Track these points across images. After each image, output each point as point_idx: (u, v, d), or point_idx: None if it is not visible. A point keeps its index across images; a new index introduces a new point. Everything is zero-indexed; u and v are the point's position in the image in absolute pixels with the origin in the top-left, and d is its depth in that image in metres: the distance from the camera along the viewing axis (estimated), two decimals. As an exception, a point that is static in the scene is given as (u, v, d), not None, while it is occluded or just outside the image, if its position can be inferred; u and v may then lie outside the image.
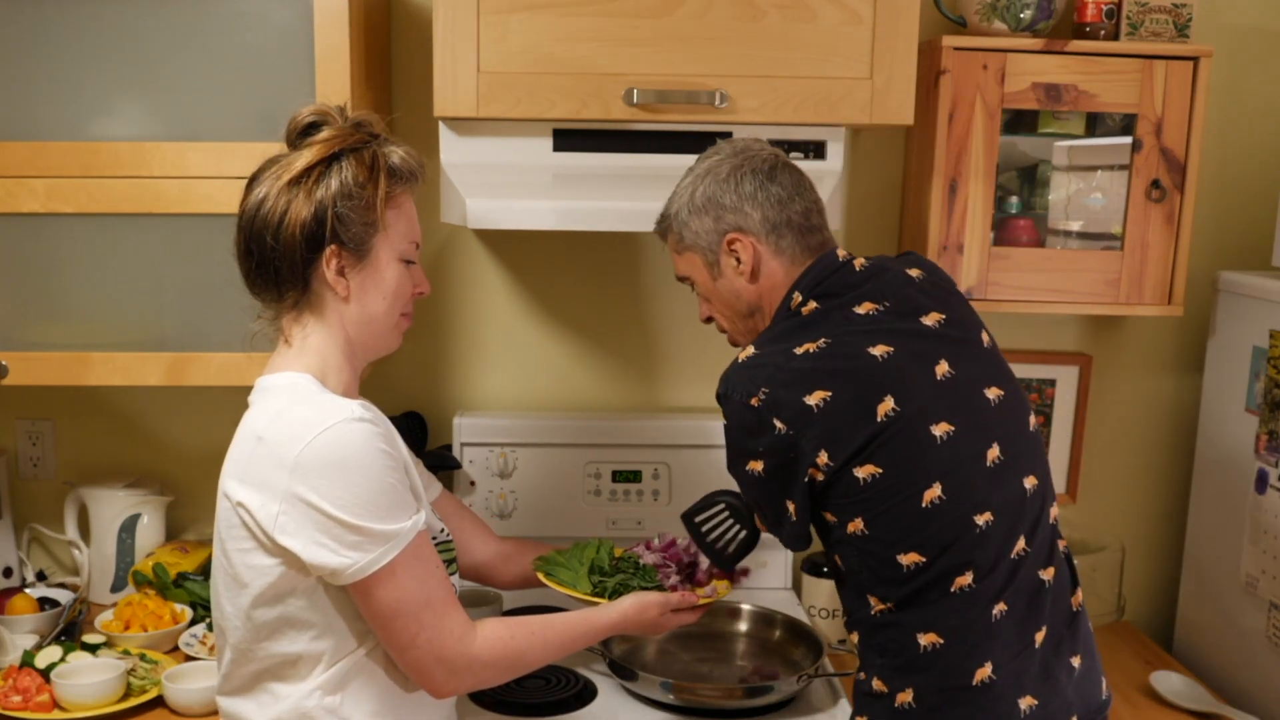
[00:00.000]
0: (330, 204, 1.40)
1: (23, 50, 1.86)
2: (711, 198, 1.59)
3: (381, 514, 1.35)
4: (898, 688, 1.49)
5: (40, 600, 2.12)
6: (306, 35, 1.85)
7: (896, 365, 1.48)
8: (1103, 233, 2.11)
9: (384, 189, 1.43)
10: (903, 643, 1.48)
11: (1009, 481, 1.50)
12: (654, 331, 2.35)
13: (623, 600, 1.62)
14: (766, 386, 1.47)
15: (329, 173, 1.41)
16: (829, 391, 1.45)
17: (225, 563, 1.45)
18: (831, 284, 1.56)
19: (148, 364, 1.95)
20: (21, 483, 2.33)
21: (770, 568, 2.30)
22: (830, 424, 1.45)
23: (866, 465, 1.45)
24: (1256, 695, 2.06)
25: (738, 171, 1.59)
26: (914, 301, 1.56)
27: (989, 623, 1.46)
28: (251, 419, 1.43)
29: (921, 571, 1.46)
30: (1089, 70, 2.03)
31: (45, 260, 1.93)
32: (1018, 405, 1.57)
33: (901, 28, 1.85)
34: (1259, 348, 2.07)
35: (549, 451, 2.24)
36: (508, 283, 2.32)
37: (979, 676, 1.45)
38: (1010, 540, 1.48)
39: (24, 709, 1.79)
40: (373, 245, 1.44)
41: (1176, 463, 2.43)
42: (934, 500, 1.45)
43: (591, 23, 1.84)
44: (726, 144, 1.65)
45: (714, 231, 1.60)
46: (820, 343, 1.49)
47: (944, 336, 1.54)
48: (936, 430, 1.46)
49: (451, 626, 1.41)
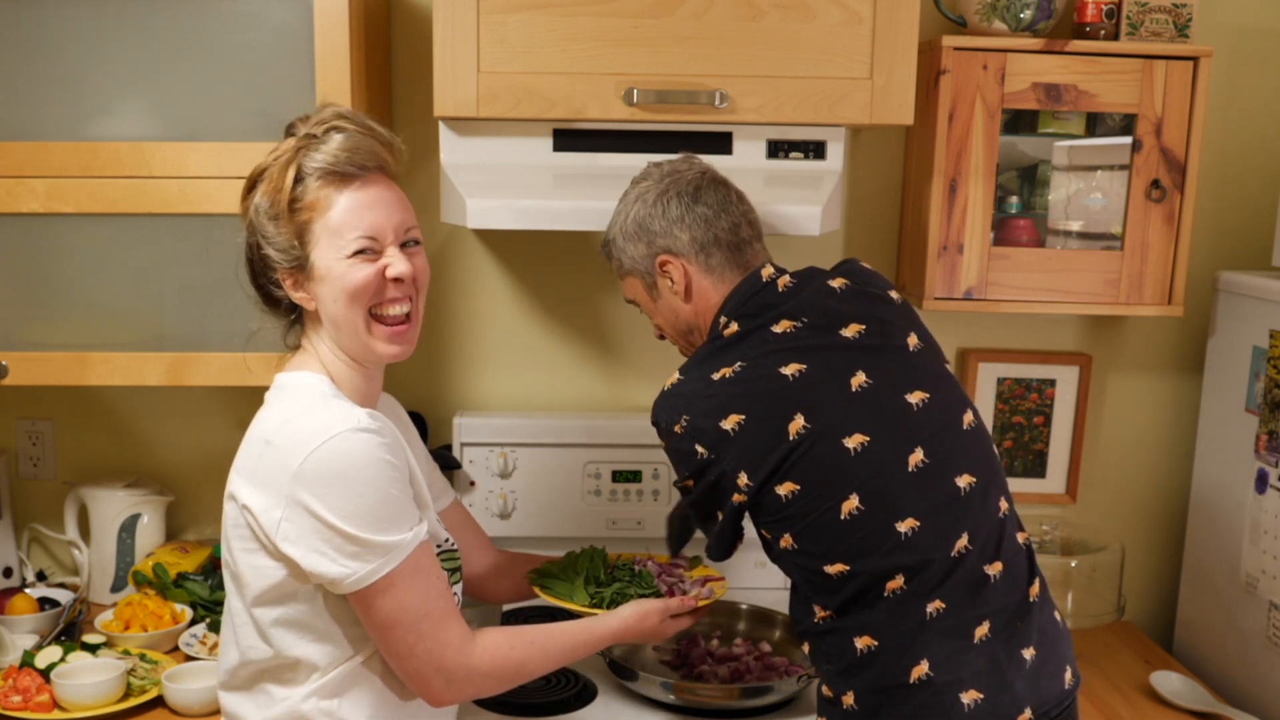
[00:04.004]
0: (259, 231, 1.43)
1: (23, 50, 1.86)
2: (641, 223, 1.67)
3: (382, 525, 1.35)
4: (841, 691, 1.54)
5: (40, 600, 2.12)
6: (306, 35, 1.85)
7: (807, 383, 1.52)
8: (1103, 233, 2.11)
9: (286, 201, 1.40)
10: (842, 647, 1.52)
11: (936, 484, 1.52)
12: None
13: (623, 609, 1.62)
14: (687, 414, 1.55)
15: (251, 200, 1.44)
16: (742, 415, 1.52)
17: (230, 560, 1.46)
18: (752, 305, 1.62)
19: (148, 364, 1.95)
20: (21, 483, 2.33)
21: (770, 568, 2.29)
22: (746, 446, 1.52)
23: (785, 483, 1.51)
24: (1256, 695, 2.06)
25: (664, 196, 1.66)
26: (833, 314, 1.60)
27: (923, 620, 1.49)
28: (264, 420, 1.43)
29: (850, 579, 1.50)
30: (1089, 70, 2.03)
31: (45, 260, 1.93)
32: (947, 406, 1.58)
33: (901, 28, 1.85)
34: (1259, 348, 2.07)
35: (549, 451, 2.24)
36: (508, 283, 2.32)
37: (915, 674, 1.48)
38: (946, 540, 1.50)
39: (24, 709, 1.80)
40: (306, 256, 1.42)
41: (1176, 462, 2.43)
42: (852, 511, 1.49)
43: (591, 23, 1.84)
44: (655, 168, 1.72)
45: (647, 256, 1.67)
46: (736, 367, 1.55)
47: (863, 347, 1.57)
48: (849, 443, 1.50)
49: (450, 637, 1.41)
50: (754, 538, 1.62)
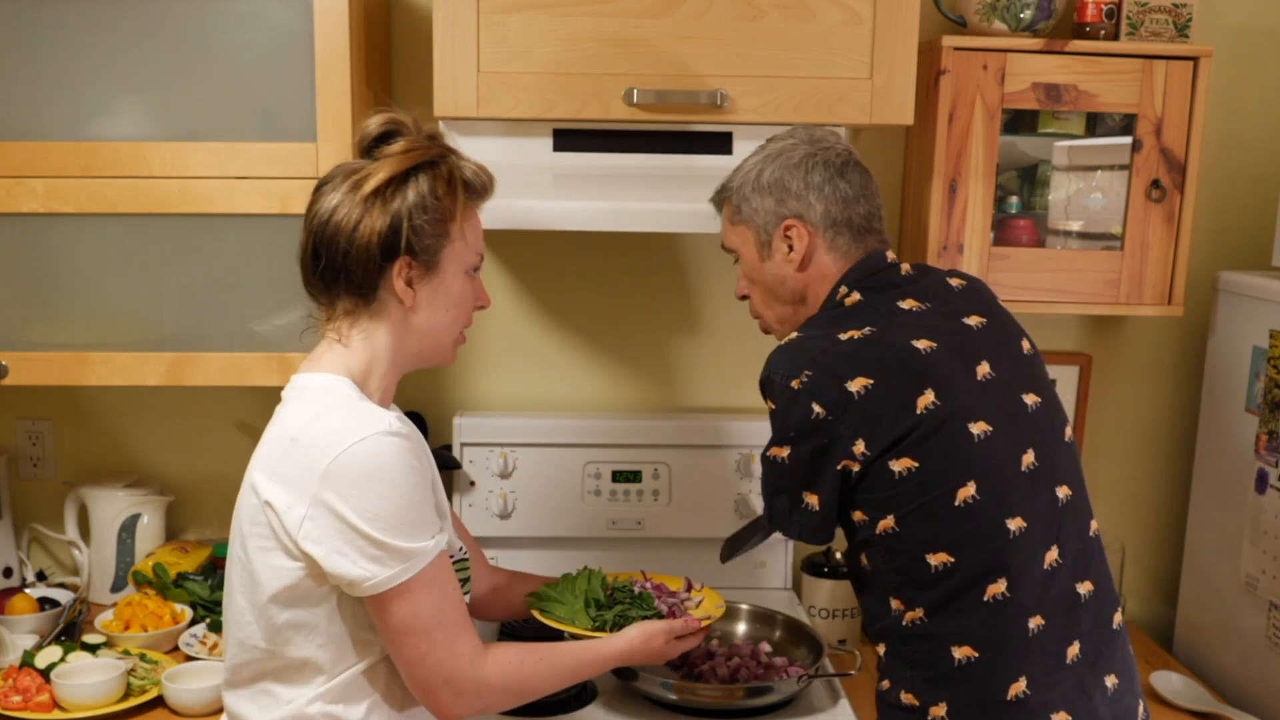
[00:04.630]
0: (406, 216, 1.41)
1: (23, 50, 1.86)
2: (779, 180, 1.58)
3: (405, 531, 1.35)
4: (930, 701, 1.46)
5: (40, 600, 2.12)
6: (306, 35, 1.85)
7: (939, 360, 1.47)
8: (1103, 233, 2.11)
9: (460, 202, 1.45)
10: (936, 655, 1.46)
11: (1042, 489, 1.48)
12: (654, 331, 2.35)
13: (628, 630, 1.62)
14: (809, 369, 1.46)
15: (406, 185, 1.42)
16: (870, 379, 1.44)
17: (244, 557, 1.43)
18: (877, 279, 1.56)
19: (148, 364, 1.95)
20: (21, 483, 2.33)
21: (770, 568, 2.29)
22: (869, 412, 1.43)
23: (903, 459, 1.43)
24: (1256, 695, 2.06)
25: (810, 159, 1.58)
26: (956, 303, 1.56)
27: (1025, 636, 1.44)
28: (287, 417, 1.41)
29: (950, 573, 1.43)
30: (1089, 70, 2.03)
31: (45, 260, 1.93)
32: (1055, 414, 1.56)
33: (901, 28, 1.85)
34: (1259, 348, 2.07)
35: (549, 451, 2.23)
36: (508, 283, 2.32)
37: (1013, 691, 1.43)
38: (1042, 549, 1.46)
39: (24, 709, 1.79)
40: (443, 258, 1.45)
41: (1176, 463, 2.43)
42: (967, 499, 1.43)
43: (591, 23, 1.84)
44: (801, 129, 1.63)
45: (773, 213, 1.58)
46: (865, 330, 1.48)
47: (986, 338, 1.53)
48: (975, 429, 1.45)
49: (463, 649, 1.40)
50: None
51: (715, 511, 2.22)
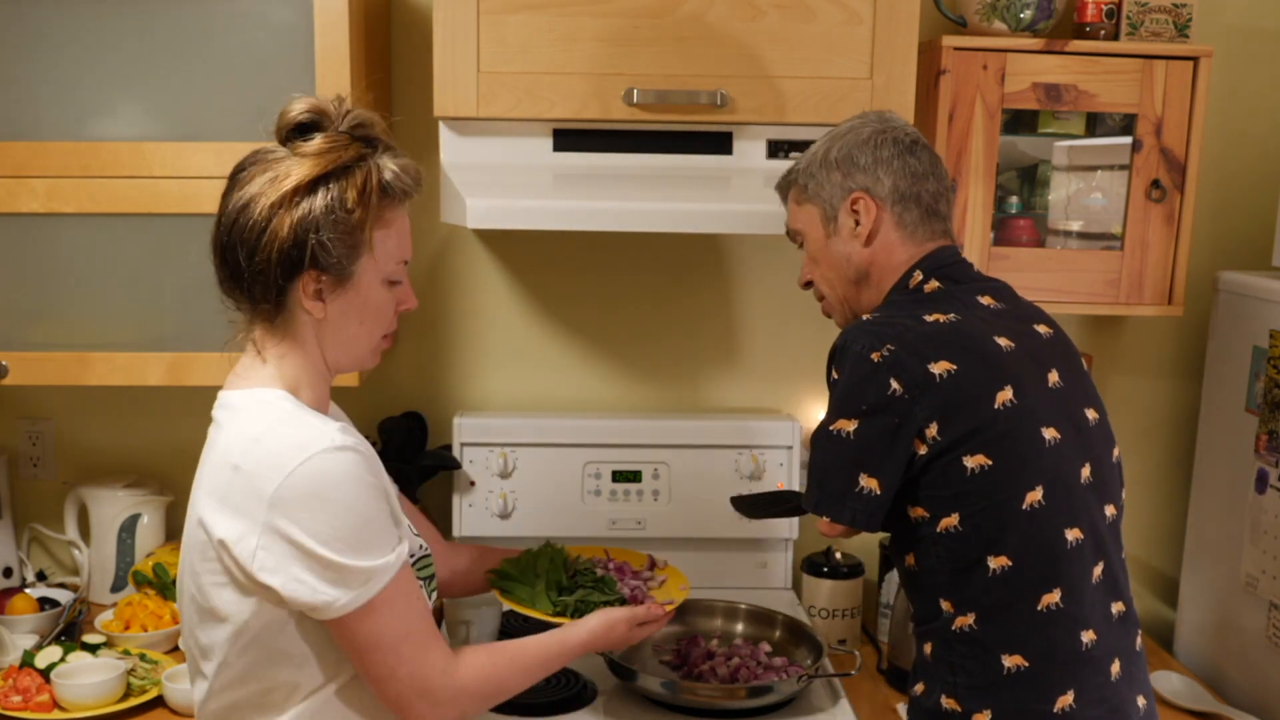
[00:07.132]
0: (313, 228, 1.31)
1: (23, 50, 1.86)
2: (847, 155, 1.56)
3: (363, 549, 1.29)
4: (973, 709, 1.44)
5: (40, 600, 2.12)
6: (306, 35, 1.85)
7: (1016, 360, 1.46)
8: (1103, 233, 2.11)
9: (373, 212, 1.34)
10: (984, 662, 1.43)
11: (1096, 505, 1.48)
12: (654, 331, 2.35)
13: (590, 619, 1.58)
14: (893, 344, 1.43)
15: (315, 194, 1.31)
16: (954, 365, 1.42)
17: (196, 593, 1.36)
18: (954, 270, 1.55)
19: (148, 364, 1.95)
20: (21, 483, 2.33)
21: (770, 568, 2.29)
22: (950, 398, 1.41)
23: (977, 455, 1.41)
24: (1256, 695, 2.06)
25: (879, 136, 1.56)
26: (1026, 310, 1.56)
27: (1078, 650, 1.43)
28: (224, 443, 1.34)
29: (1006, 579, 1.42)
30: (1089, 70, 2.03)
31: (45, 260, 1.93)
32: (1108, 434, 1.56)
33: (901, 28, 1.85)
34: (1259, 348, 2.07)
35: (549, 451, 2.24)
36: (508, 283, 2.32)
37: (1061, 704, 1.42)
38: (1091, 564, 1.45)
39: (24, 709, 1.80)
40: (355, 270, 1.35)
41: (1176, 463, 2.43)
42: (1034, 504, 1.41)
43: (591, 23, 1.84)
44: (871, 113, 1.62)
45: (840, 187, 1.56)
46: (950, 316, 1.47)
47: (1054, 348, 1.54)
48: (1046, 433, 1.44)
49: (434, 659, 1.36)
50: (749, 538, 1.59)
51: (715, 511, 2.22)
